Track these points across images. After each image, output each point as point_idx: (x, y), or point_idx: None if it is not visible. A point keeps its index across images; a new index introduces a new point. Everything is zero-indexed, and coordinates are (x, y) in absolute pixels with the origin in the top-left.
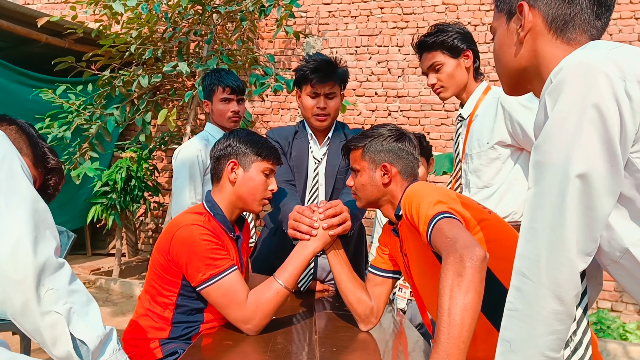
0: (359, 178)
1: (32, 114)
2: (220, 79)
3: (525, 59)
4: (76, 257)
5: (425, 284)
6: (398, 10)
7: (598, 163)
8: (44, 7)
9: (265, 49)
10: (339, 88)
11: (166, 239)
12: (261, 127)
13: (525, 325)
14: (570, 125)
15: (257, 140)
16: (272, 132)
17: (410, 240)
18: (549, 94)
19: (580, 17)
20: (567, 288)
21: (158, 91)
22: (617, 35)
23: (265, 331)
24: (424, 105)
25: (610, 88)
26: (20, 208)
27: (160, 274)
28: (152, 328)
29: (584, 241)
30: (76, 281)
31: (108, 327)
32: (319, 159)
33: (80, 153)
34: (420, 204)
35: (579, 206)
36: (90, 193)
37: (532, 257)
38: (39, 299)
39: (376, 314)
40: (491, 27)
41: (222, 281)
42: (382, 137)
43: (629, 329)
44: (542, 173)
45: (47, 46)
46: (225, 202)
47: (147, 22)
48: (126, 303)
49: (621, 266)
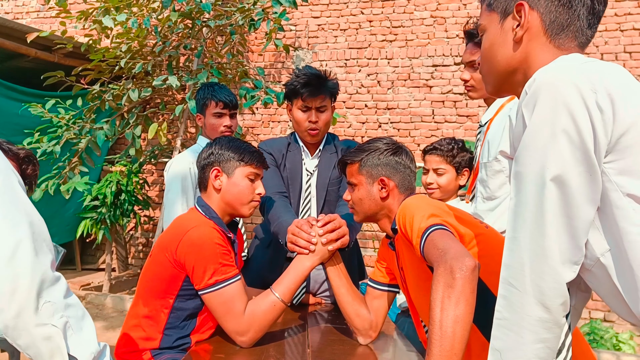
0: (356, 192)
1: (21, 128)
2: (214, 93)
3: (516, 60)
4: (65, 272)
5: (421, 297)
6: (387, 23)
7: (573, 170)
8: (33, 22)
9: (255, 62)
10: (330, 101)
11: (174, 239)
12: (252, 140)
13: (513, 334)
14: (545, 135)
15: (239, 145)
16: (265, 144)
17: (406, 253)
18: (525, 106)
19: (576, 25)
20: (552, 296)
21: (148, 105)
22: (603, 47)
23: (258, 344)
24: (413, 117)
25: (582, 99)
26: (17, 219)
27: (160, 273)
28: (142, 339)
29: (567, 249)
30: (72, 296)
31: (102, 344)
32: (312, 170)
33: (70, 167)
34: (413, 217)
35: (557, 214)
36: (78, 207)
37: (517, 267)
38: (36, 310)
39: (375, 327)
40: (479, 26)
41: (225, 289)
42: (379, 151)
43: (622, 339)
44: (521, 183)
45: (37, 61)
46: (215, 207)
47: (136, 36)
48: (117, 318)
49: (593, 274)
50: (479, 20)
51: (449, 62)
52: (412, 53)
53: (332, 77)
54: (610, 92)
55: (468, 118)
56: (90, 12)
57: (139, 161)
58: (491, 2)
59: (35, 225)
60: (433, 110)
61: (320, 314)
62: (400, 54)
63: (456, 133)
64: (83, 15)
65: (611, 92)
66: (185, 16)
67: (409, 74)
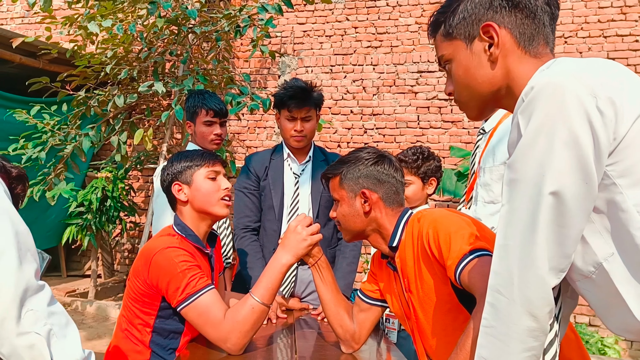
0: (339, 208)
1: (6, 135)
2: (204, 101)
3: (498, 77)
4: (51, 279)
5: (437, 323)
6: (372, 29)
7: (570, 181)
8: (17, 28)
9: (241, 68)
10: (315, 111)
11: (144, 265)
12: (238, 146)
13: (500, 342)
14: (542, 145)
15: (187, 154)
16: (250, 160)
17: (418, 273)
18: (522, 113)
19: (544, 32)
20: (539, 305)
21: (134, 111)
22: (587, 54)
23: (245, 351)
24: (399, 123)
25: (581, 106)
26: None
27: (138, 297)
28: (133, 352)
29: (556, 258)
30: (55, 303)
31: (87, 351)
32: (299, 173)
33: (55, 174)
34: (450, 235)
35: (550, 224)
36: (60, 213)
37: (505, 275)
38: (18, 319)
39: (357, 339)
40: (442, 56)
41: (198, 301)
42: (360, 162)
43: (607, 344)
44: (514, 191)
45: (21, 66)
46: (190, 222)
47: (122, 42)
48: (101, 325)
49: (592, 281)
50: (438, 52)
51: (434, 68)
52: (397, 59)
53: (317, 88)
54: (610, 95)
55: (453, 124)
56: (75, 17)
57: (124, 167)
58: (449, 32)
59: (21, 235)
60: (418, 116)
61: (306, 320)
62: (386, 60)
63: (441, 139)
64: (68, 20)
65: (611, 95)
66: (171, 22)
67: (394, 80)
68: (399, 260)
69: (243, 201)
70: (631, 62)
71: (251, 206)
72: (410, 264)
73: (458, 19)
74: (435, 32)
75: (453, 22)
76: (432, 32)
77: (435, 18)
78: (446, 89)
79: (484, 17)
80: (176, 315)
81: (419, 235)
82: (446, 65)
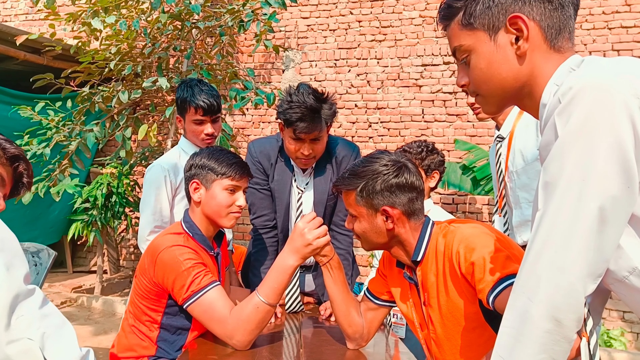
0: (358, 224)
1: (11, 131)
2: (192, 97)
3: (524, 73)
4: (57, 275)
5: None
6: (376, 23)
7: (615, 187)
8: (21, 25)
9: (245, 63)
10: (326, 129)
11: (149, 263)
12: (242, 141)
13: (519, 343)
14: (583, 147)
15: (218, 157)
16: (254, 147)
17: (441, 290)
18: (559, 114)
19: (570, 25)
20: (566, 311)
21: (138, 107)
22: (592, 45)
23: (252, 346)
24: (403, 117)
25: (624, 108)
26: None
27: (145, 294)
28: (140, 346)
29: (594, 263)
30: (47, 305)
31: (84, 349)
32: (302, 188)
33: (60, 170)
34: (484, 258)
35: (592, 232)
36: (63, 209)
37: (533, 278)
38: (7, 327)
39: (366, 337)
40: (461, 47)
41: (203, 298)
42: (378, 177)
43: (613, 336)
44: (552, 195)
45: (26, 63)
46: (199, 221)
47: (126, 38)
48: (108, 321)
49: (626, 285)
50: (454, 42)
51: (438, 61)
52: (401, 53)
53: (330, 98)
54: None
55: (457, 117)
56: (79, 14)
57: (129, 163)
58: (470, 21)
59: (5, 242)
60: (423, 109)
61: (313, 314)
62: (390, 53)
63: (446, 132)
64: (72, 17)
65: None
66: (175, 18)
67: (398, 73)
68: (421, 273)
69: (258, 198)
70: (636, 53)
71: (266, 203)
72: (433, 279)
73: (482, 7)
74: (449, 19)
75: (476, 10)
76: (446, 19)
77: (449, 3)
78: (459, 81)
79: (512, 8)
80: (183, 312)
81: (448, 253)
82: (463, 56)
